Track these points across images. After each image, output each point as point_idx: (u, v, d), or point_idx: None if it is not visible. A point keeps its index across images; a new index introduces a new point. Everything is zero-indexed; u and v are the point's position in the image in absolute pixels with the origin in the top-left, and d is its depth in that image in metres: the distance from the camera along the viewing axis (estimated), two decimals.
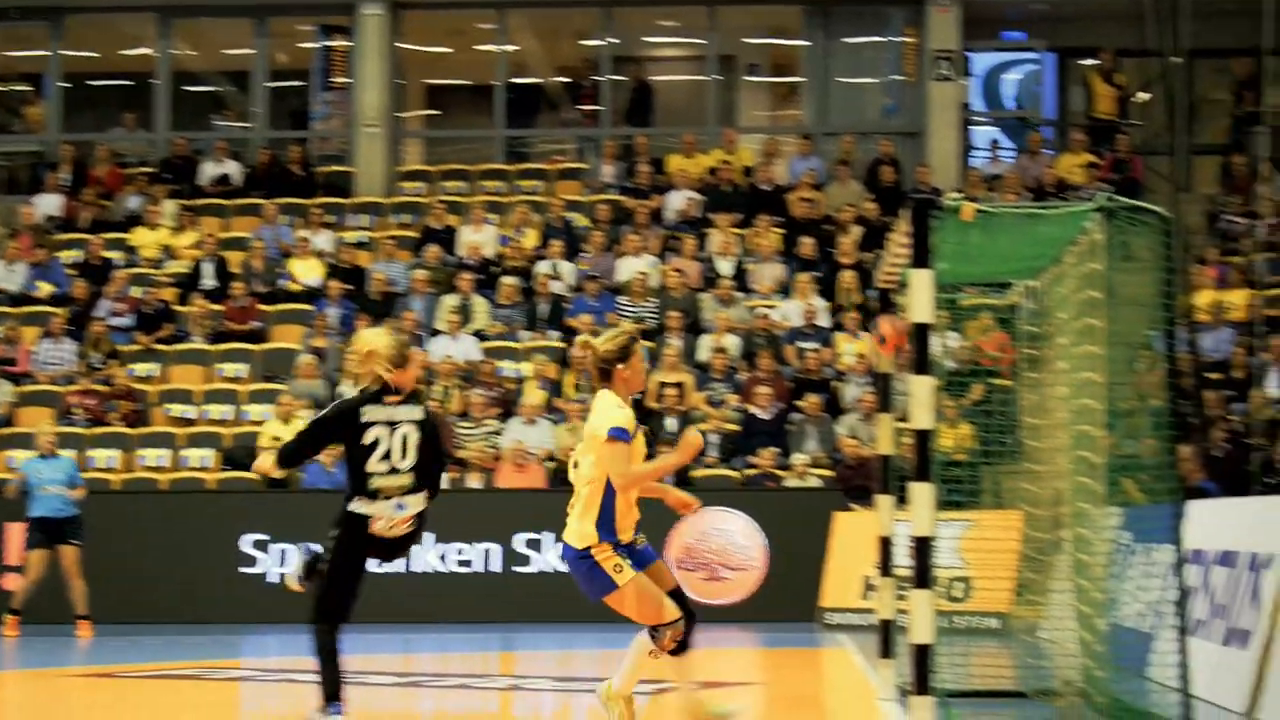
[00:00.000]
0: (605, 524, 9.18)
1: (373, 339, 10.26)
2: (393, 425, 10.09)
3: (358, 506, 10.10)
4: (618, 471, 9.09)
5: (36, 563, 19.46)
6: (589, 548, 9.19)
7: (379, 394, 10.16)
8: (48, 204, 27.74)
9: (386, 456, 10.06)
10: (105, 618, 19.56)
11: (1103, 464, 10.25)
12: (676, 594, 9.35)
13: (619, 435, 9.05)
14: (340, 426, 10.17)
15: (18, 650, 18.31)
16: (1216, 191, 27.41)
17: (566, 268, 25.48)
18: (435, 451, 10.33)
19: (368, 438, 10.05)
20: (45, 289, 25.86)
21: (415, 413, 10.20)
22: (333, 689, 10.28)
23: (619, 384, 9.31)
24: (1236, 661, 11.25)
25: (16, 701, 13.96)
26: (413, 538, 10.34)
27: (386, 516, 10.08)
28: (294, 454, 10.36)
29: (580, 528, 9.24)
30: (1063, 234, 10.42)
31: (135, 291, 25.41)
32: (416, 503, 10.19)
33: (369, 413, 10.10)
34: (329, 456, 20.38)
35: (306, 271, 25.85)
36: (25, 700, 14.04)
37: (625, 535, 9.24)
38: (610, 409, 9.20)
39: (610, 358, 9.33)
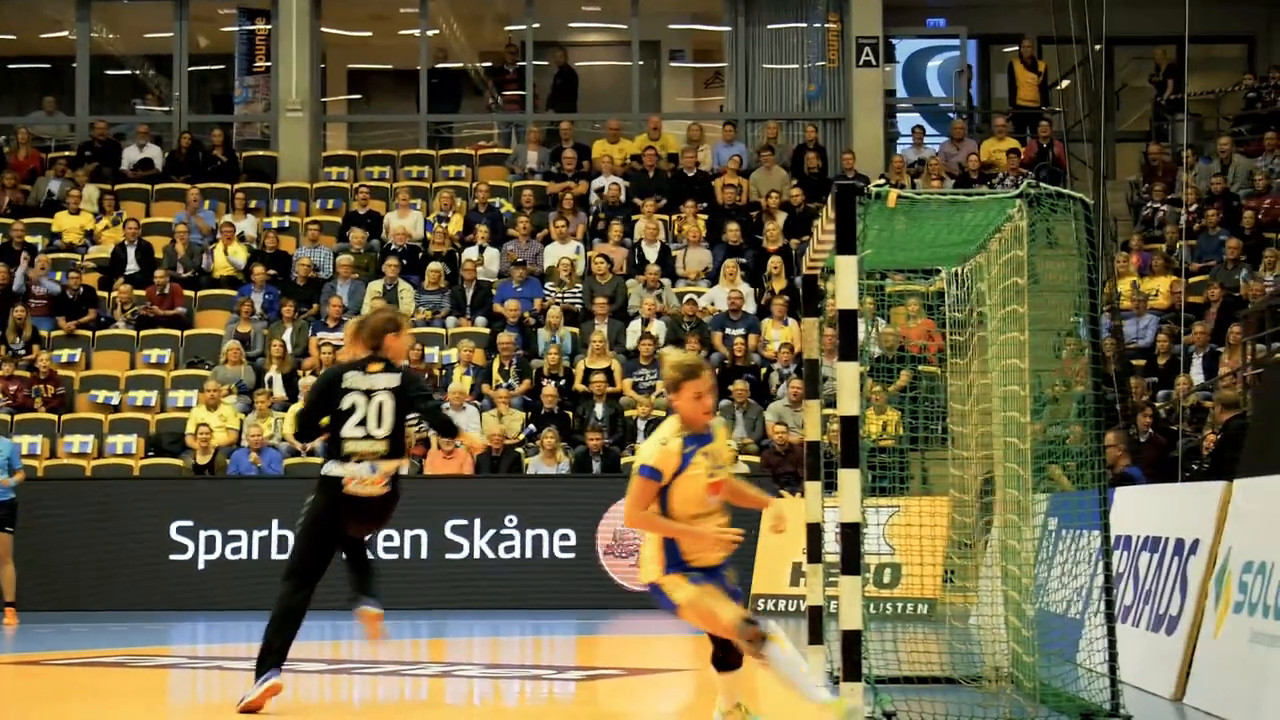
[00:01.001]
0: (670, 554, 8.68)
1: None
2: (370, 393, 10.41)
3: (332, 469, 10.39)
4: (628, 511, 8.72)
5: None
6: (653, 582, 8.70)
7: (364, 362, 10.50)
8: None
9: (362, 423, 10.43)
10: (31, 605, 19.42)
11: (1029, 450, 10.31)
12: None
13: (646, 474, 8.59)
14: (328, 393, 10.58)
15: None
16: (1139, 178, 27.62)
17: (492, 253, 25.46)
18: (419, 406, 10.65)
19: (345, 403, 10.40)
20: None
21: (393, 380, 10.48)
22: (277, 657, 10.42)
23: (678, 409, 8.74)
24: (1164, 646, 11.35)
25: None
26: (391, 500, 10.53)
27: (359, 477, 10.35)
28: (303, 429, 11.01)
29: (644, 556, 8.83)
30: (987, 220, 10.46)
31: (57, 276, 25.24)
32: (389, 467, 10.44)
33: (350, 379, 10.47)
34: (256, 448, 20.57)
35: (231, 256, 25.72)
36: None
37: (699, 561, 8.68)
38: (653, 442, 8.71)
39: (665, 385, 8.87)
